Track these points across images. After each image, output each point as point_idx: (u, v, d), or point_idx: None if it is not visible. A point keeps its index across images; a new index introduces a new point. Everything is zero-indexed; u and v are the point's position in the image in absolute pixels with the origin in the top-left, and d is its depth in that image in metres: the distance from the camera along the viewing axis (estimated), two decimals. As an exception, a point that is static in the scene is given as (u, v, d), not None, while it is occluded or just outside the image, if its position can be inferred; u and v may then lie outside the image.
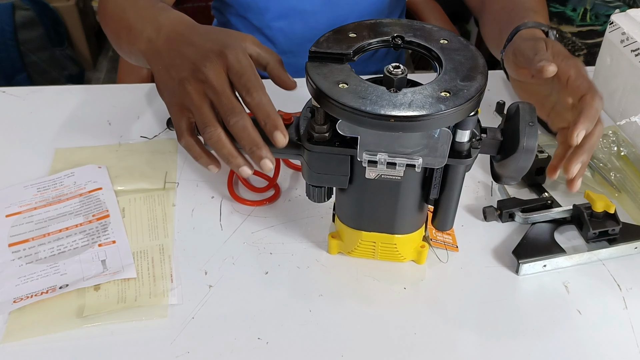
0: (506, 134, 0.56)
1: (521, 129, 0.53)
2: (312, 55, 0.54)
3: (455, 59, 0.54)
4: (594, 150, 0.63)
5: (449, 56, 0.54)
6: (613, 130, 0.79)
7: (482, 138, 0.56)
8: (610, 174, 0.76)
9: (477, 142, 0.55)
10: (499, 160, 0.57)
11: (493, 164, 0.60)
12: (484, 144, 0.56)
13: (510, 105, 0.56)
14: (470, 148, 0.54)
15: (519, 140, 0.53)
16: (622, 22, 0.71)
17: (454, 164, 0.55)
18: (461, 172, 0.56)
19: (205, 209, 0.72)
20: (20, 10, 2.01)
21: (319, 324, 0.60)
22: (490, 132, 0.57)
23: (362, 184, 0.58)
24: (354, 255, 0.66)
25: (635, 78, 0.68)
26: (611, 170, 0.76)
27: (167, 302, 0.61)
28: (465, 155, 0.54)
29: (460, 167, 0.55)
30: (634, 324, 0.61)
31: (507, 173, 0.57)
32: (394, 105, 0.49)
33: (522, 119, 0.53)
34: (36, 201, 0.72)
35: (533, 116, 0.54)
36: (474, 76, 0.52)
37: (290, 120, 0.58)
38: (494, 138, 0.56)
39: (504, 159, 0.55)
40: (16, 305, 0.60)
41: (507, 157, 0.55)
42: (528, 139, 0.52)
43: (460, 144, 0.54)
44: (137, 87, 0.92)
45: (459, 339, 0.60)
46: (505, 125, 0.57)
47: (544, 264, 0.65)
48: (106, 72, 2.40)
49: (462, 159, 0.54)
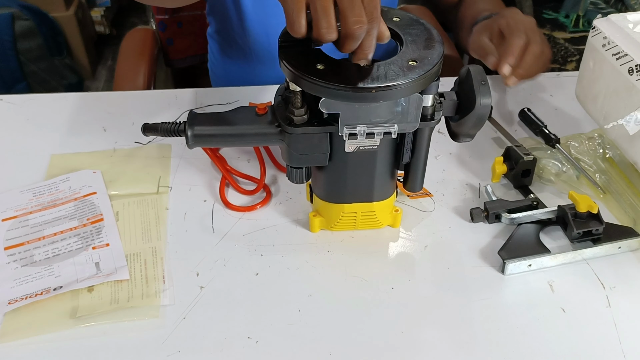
0: (461, 95, 0.62)
1: (475, 88, 0.59)
2: (282, 44, 0.57)
3: (412, 32, 0.59)
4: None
5: (405, 31, 0.59)
6: (599, 133, 0.81)
7: (441, 102, 0.61)
8: (595, 175, 0.77)
9: (439, 106, 0.61)
10: (457, 120, 0.63)
11: (450, 124, 0.65)
12: (444, 106, 0.62)
13: (461, 70, 0.62)
14: (434, 111, 0.60)
15: (475, 98, 0.59)
16: (604, 27, 0.72)
17: (422, 127, 0.60)
18: (427, 134, 0.62)
19: (198, 212, 0.73)
20: (19, 21, 2.03)
21: (308, 323, 0.62)
22: (447, 96, 0.62)
23: (342, 159, 0.62)
24: (336, 229, 0.70)
25: (617, 81, 0.70)
26: (597, 172, 0.77)
27: (159, 302, 0.63)
28: (430, 118, 0.60)
29: (427, 129, 0.61)
30: (617, 322, 0.62)
31: (465, 131, 0.63)
32: (372, 78, 0.54)
33: (474, 79, 0.59)
34: (32, 205, 0.73)
35: (483, 76, 0.60)
36: (432, 45, 0.57)
37: (265, 110, 0.62)
38: (451, 100, 0.62)
39: (462, 118, 0.62)
40: (11, 306, 0.61)
41: (465, 116, 0.61)
42: (483, 96, 0.59)
43: (425, 108, 0.59)
44: (132, 94, 0.94)
45: (446, 337, 0.61)
46: (459, 87, 0.62)
47: (529, 263, 0.66)
48: (105, 81, 2.42)
49: (428, 121, 0.60)
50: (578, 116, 0.88)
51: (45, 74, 2.14)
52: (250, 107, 0.63)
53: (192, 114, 0.63)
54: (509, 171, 0.77)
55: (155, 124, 0.64)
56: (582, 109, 0.81)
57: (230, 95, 0.92)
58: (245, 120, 0.62)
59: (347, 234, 0.71)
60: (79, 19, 2.26)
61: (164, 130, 0.63)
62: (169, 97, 0.92)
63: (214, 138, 0.63)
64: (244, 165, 0.80)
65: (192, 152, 0.81)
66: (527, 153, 0.75)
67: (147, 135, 0.65)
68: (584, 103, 0.79)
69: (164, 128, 0.63)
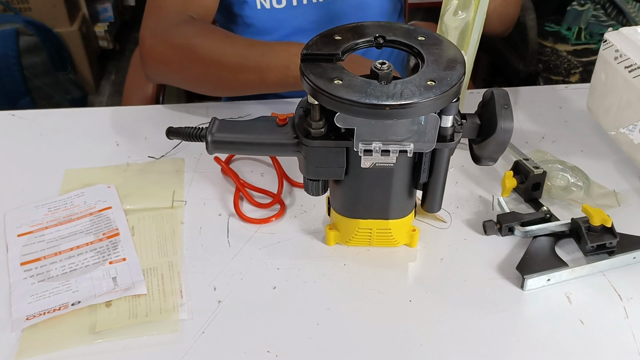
0: (483, 118, 0.61)
1: (497, 111, 0.59)
2: (304, 58, 0.58)
3: (434, 52, 0.59)
4: None
5: (428, 50, 0.59)
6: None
7: (462, 123, 0.61)
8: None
9: (459, 127, 0.60)
10: (479, 143, 0.62)
11: (473, 147, 0.65)
12: (465, 128, 0.61)
13: (485, 92, 0.61)
14: (454, 132, 0.60)
15: (497, 122, 0.58)
16: (615, 40, 0.73)
17: (440, 148, 0.60)
18: (446, 156, 0.61)
19: (213, 226, 0.74)
20: (24, 36, 2.04)
21: (327, 337, 0.62)
22: (469, 118, 0.62)
23: (358, 174, 0.62)
24: (351, 244, 0.70)
25: (629, 93, 0.70)
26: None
27: (177, 317, 0.63)
28: (449, 139, 0.59)
29: (446, 150, 0.61)
30: (635, 333, 0.62)
31: (487, 154, 0.63)
32: (387, 95, 0.54)
33: (497, 102, 0.59)
34: (47, 221, 0.73)
35: (507, 100, 0.59)
36: (453, 66, 0.57)
37: (285, 121, 0.62)
38: (473, 122, 0.62)
39: (483, 141, 0.61)
40: (29, 322, 0.61)
41: (486, 139, 0.60)
42: (505, 120, 0.58)
43: (444, 129, 0.59)
44: (144, 109, 0.95)
45: (465, 350, 0.61)
46: (482, 110, 0.62)
47: (547, 278, 0.66)
48: (109, 96, 2.43)
49: (447, 142, 0.59)
50: (588, 128, 0.89)
51: (49, 89, 2.15)
52: (271, 117, 0.64)
53: (214, 120, 0.64)
54: (519, 185, 0.77)
55: (179, 128, 0.66)
56: (591, 120, 0.82)
57: (241, 110, 0.92)
58: (264, 129, 0.63)
59: (363, 247, 0.71)
60: (83, 34, 2.28)
61: (186, 134, 0.65)
62: (180, 111, 0.93)
63: (232, 145, 0.64)
64: (257, 178, 0.80)
65: (206, 166, 0.81)
66: (537, 166, 0.76)
67: (170, 139, 0.68)
68: (596, 115, 0.80)
69: (187, 132, 0.65)
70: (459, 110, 0.61)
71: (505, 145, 0.61)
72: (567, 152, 0.85)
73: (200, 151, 0.84)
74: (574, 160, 0.82)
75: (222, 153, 0.69)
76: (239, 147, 0.65)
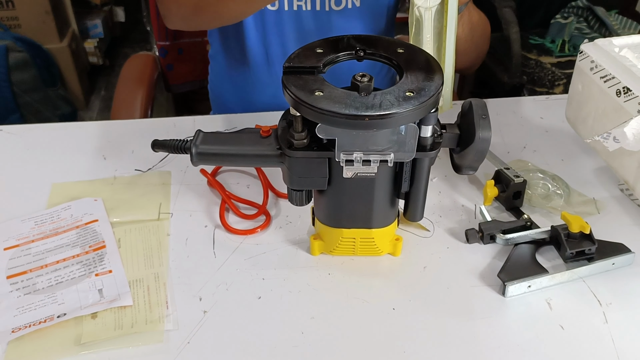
0: (462, 128, 0.63)
1: (476, 121, 0.60)
2: (286, 70, 0.59)
3: (414, 64, 0.60)
4: None
5: (407, 62, 0.61)
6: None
7: (442, 133, 0.62)
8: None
9: (439, 137, 0.62)
10: (459, 152, 0.64)
11: (453, 157, 0.66)
12: (445, 138, 0.63)
13: (464, 103, 0.63)
14: (434, 142, 0.61)
15: (475, 132, 0.60)
16: (591, 51, 0.75)
17: (421, 157, 0.61)
18: (427, 165, 0.63)
19: (199, 237, 0.74)
20: (13, 52, 2.05)
21: (312, 346, 0.62)
22: (449, 128, 0.63)
23: (340, 184, 0.63)
24: (336, 253, 0.71)
25: (605, 103, 0.72)
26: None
27: (163, 328, 0.63)
28: (429, 148, 0.61)
29: (426, 160, 0.62)
30: (614, 338, 0.63)
31: (467, 163, 0.64)
32: (367, 106, 0.55)
33: (475, 113, 0.61)
34: (34, 234, 0.74)
35: (485, 110, 0.61)
36: (432, 77, 0.59)
37: (269, 132, 0.64)
38: (452, 132, 0.63)
39: (463, 150, 0.62)
40: (14, 335, 0.62)
41: (465, 148, 0.62)
42: (483, 129, 0.60)
43: (424, 138, 0.60)
44: (131, 123, 0.96)
45: (448, 356, 0.62)
46: (461, 120, 0.64)
47: (528, 284, 0.67)
48: (98, 112, 2.44)
49: (427, 152, 0.61)
50: (568, 138, 0.91)
51: (39, 104, 2.15)
52: (255, 129, 0.65)
53: (199, 132, 0.65)
54: (501, 194, 0.78)
55: (164, 140, 0.67)
56: (571, 130, 0.83)
57: (228, 123, 0.93)
58: (248, 141, 0.64)
59: (348, 256, 0.72)
60: (72, 50, 2.29)
61: (172, 146, 0.66)
62: (167, 125, 0.94)
63: (217, 157, 0.65)
64: (243, 190, 0.81)
65: (192, 178, 0.82)
66: (518, 175, 0.77)
67: (156, 151, 0.69)
68: (574, 124, 0.81)
69: (172, 145, 0.66)
70: (439, 121, 0.62)
71: (484, 154, 0.62)
72: (548, 161, 0.86)
73: (187, 164, 0.84)
74: (554, 169, 0.84)
75: (207, 165, 0.70)
76: (224, 159, 0.66)
